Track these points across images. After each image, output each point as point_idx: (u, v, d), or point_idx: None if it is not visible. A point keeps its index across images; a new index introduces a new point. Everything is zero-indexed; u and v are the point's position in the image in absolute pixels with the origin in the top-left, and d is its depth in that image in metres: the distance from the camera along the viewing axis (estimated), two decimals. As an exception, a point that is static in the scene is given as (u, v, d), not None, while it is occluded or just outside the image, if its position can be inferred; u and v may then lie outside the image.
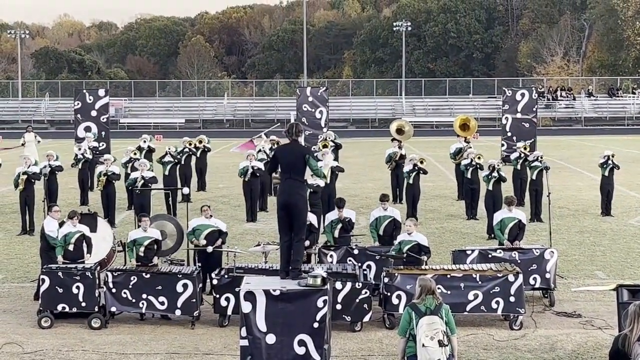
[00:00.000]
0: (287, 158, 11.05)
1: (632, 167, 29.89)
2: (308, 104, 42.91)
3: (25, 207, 22.47)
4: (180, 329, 14.28)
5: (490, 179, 21.67)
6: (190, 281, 14.34)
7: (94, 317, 14.32)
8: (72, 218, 15.52)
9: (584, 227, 22.89)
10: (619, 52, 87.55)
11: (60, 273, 14.48)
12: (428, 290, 9.95)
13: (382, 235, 16.51)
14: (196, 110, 75.42)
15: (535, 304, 15.15)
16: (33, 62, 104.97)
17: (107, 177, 22.98)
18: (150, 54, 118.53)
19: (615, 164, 24.28)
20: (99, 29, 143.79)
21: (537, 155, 24.09)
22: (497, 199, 20.99)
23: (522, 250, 15.74)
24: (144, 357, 12.89)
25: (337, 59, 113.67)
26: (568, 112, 73.59)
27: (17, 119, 71.01)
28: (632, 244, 20.75)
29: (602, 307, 15.11)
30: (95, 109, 40.41)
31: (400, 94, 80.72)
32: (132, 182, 22.26)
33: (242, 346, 10.11)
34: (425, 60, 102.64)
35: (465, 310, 14.04)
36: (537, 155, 24.08)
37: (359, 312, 13.99)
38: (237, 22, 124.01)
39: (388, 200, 17.32)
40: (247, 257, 17.17)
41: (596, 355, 12.76)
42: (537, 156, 24.04)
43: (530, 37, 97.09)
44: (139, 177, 21.95)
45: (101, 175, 23.14)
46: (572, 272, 17.91)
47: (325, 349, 10.12)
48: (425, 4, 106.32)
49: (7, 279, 17.80)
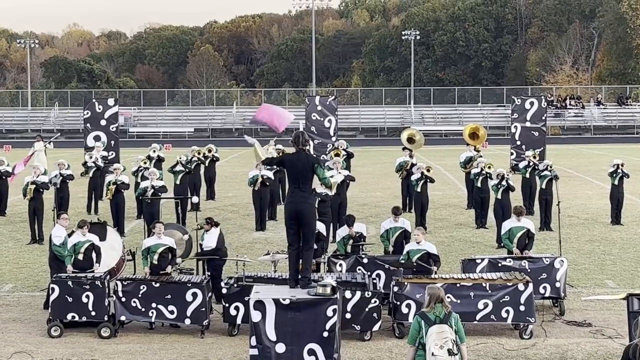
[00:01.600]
0: (295, 167, 11.06)
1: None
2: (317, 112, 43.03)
3: (34, 216, 22.53)
4: (190, 338, 14.28)
5: (499, 188, 21.68)
6: (200, 290, 14.35)
7: (103, 326, 14.33)
8: (81, 227, 15.54)
9: (594, 236, 22.85)
10: (629, 61, 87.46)
11: (70, 282, 14.50)
12: (437, 299, 9.95)
13: (393, 247, 16.53)
14: (205, 119, 75.53)
15: (545, 313, 15.12)
16: (42, 72, 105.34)
17: (116, 186, 23.03)
18: (159, 63, 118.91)
19: (625, 173, 24.22)
20: (108, 39, 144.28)
21: (546, 165, 24.03)
22: (506, 208, 20.94)
23: (532, 259, 15.72)
24: (154, 366, 12.91)
25: (345, 68, 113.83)
26: (577, 121, 73.48)
27: (27, 129, 71.20)
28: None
29: (612, 316, 15.07)
30: (105, 118, 40.55)
31: (409, 102, 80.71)
32: (142, 191, 22.29)
33: (251, 355, 10.13)
34: (434, 69, 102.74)
35: (475, 319, 14.03)
36: (547, 164, 24.02)
37: (368, 321, 13.97)
38: (246, 31, 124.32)
39: (401, 214, 17.29)
40: (257, 266, 17.18)
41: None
42: (547, 165, 23.99)
43: (539, 46, 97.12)
44: (148, 187, 21.99)
45: (110, 185, 23.19)
46: (582, 281, 17.88)
47: (335, 358, 10.12)
48: (434, 13, 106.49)
49: (17, 288, 17.83)
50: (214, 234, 16.03)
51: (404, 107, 79.34)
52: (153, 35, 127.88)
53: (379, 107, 79.76)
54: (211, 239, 15.97)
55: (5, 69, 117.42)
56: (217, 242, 15.91)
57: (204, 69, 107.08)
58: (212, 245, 15.88)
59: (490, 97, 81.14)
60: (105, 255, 15.85)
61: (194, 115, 77.13)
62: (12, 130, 72.77)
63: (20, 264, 20.18)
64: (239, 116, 75.92)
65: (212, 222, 16.16)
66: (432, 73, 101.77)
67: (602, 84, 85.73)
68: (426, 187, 24.06)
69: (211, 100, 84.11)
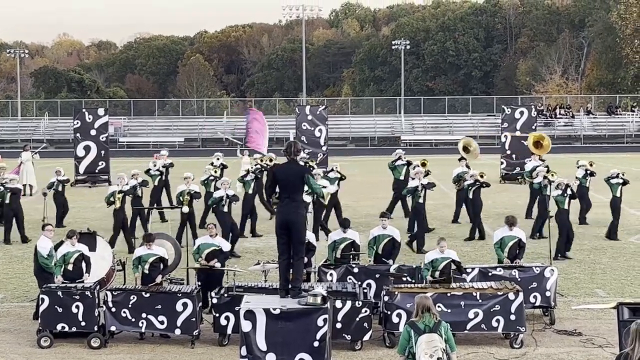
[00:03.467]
0: (286, 178, 11.07)
1: (633, 185, 29.90)
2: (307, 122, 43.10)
3: (120, 226, 22.45)
4: (180, 348, 14.26)
5: (564, 198, 21.27)
6: (190, 300, 14.34)
7: (93, 336, 14.30)
8: (70, 237, 15.49)
9: (584, 245, 22.84)
10: (618, 70, 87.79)
11: (59, 292, 14.47)
12: (424, 308, 9.97)
13: (380, 254, 16.52)
14: (195, 129, 75.48)
15: (536, 322, 15.14)
16: (32, 82, 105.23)
17: (191, 195, 22.87)
18: (150, 73, 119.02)
19: (625, 180, 24.05)
20: (98, 48, 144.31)
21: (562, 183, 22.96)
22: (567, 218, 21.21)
23: (522, 269, 15.75)
24: (144, 377, 12.89)
25: (336, 78, 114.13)
26: (567, 130, 73.66)
27: (17, 138, 71.01)
28: (632, 262, 20.76)
29: (602, 325, 15.10)
30: (95, 128, 40.60)
31: (399, 112, 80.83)
32: (216, 200, 22.24)
33: (242, 365, 10.12)
34: (424, 79, 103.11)
35: (465, 329, 14.05)
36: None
37: (359, 330, 13.98)
38: (236, 41, 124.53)
39: (387, 217, 17.28)
40: (247, 275, 17.17)
41: (597, 373, 12.77)
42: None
43: (529, 55, 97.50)
44: (223, 196, 21.93)
45: (184, 194, 22.98)
46: (573, 290, 17.91)
47: (326, 368, 10.12)
48: (424, 23, 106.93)
49: (7, 299, 17.79)
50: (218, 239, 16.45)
51: (394, 117, 79.44)
52: (143, 45, 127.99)
53: (369, 117, 79.83)
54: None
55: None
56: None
57: (194, 79, 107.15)
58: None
59: (481, 107, 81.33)
60: (95, 265, 15.83)
61: (184, 125, 77.08)
62: (1, 140, 72.57)
63: (9, 274, 20.13)
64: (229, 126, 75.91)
65: None
66: (422, 82, 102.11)
67: (591, 93, 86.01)
68: (479, 193, 23.98)
69: (201, 110, 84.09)
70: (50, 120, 77.18)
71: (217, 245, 16.15)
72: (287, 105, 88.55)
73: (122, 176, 23.49)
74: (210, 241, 16.15)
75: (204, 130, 75.08)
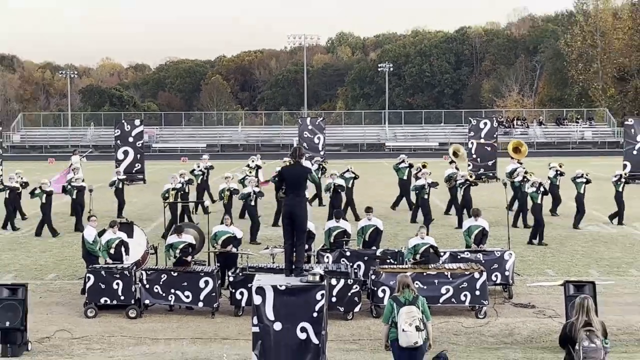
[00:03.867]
0: (292, 177, 11.04)
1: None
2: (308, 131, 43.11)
3: (176, 215, 22.54)
4: (202, 318, 14.26)
5: (538, 194, 21.22)
6: (211, 278, 14.34)
7: (130, 308, 14.32)
8: (112, 227, 15.53)
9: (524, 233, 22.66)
10: (565, 88, 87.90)
11: (103, 272, 14.48)
12: (404, 285, 9.97)
13: (367, 241, 16.51)
14: (215, 136, 75.41)
15: (497, 296, 15.14)
16: (80, 97, 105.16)
17: (230, 192, 22.80)
18: (177, 90, 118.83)
19: (588, 179, 23.89)
20: (135, 70, 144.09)
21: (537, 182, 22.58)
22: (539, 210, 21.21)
23: (486, 252, 15.75)
24: (172, 342, 12.87)
25: (331, 94, 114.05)
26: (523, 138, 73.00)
27: (67, 144, 70.86)
28: (577, 247, 20.76)
29: (552, 299, 15.10)
30: (132, 136, 40.53)
31: (384, 123, 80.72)
32: (245, 195, 22.17)
33: (254, 332, 10.09)
34: (405, 95, 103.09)
35: (438, 302, 14.04)
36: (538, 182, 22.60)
37: (350, 303, 14.00)
38: (249, 64, 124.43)
39: (371, 211, 17.25)
40: (258, 258, 17.17)
41: (547, 339, 12.76)
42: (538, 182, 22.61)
43: (491, 76, 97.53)
44: (251, 192, 21.90)
45: (225, 191, 22.82)
46: (527, 270, 17.91)
47: (323, 334, 10.10)
48: (405, 49, 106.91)
49: (59, 277, 17.80)
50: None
51: (379, 127, 79.32)
52: (172, 67, 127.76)
53: (359, 127, 79.72)
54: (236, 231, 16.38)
55: (50, 95, 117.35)
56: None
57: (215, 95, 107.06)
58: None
59: (451, 119, 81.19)
60: (132, 249, 15.83)
61: (206, 133, 76.92)
62: (55, 145, 72.45)
63: (61, 257, 20.13)
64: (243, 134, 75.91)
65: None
66: (403, 98, 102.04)
67: (543, 107, 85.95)
68: (469, 190, 23.86)
69: (220, 121, 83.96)
70: (95, 130, 77.04)
71: (231, 232, 16.12)
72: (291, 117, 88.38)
73: (175, 176, 23.48)
74: (225, 229, 16.12)
75: (223, 137, 75.01)
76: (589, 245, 21.07)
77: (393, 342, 9.81)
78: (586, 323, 8.66)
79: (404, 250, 15.61)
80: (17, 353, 12.17)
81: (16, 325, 12.19)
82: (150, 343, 12.80)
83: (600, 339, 8.62)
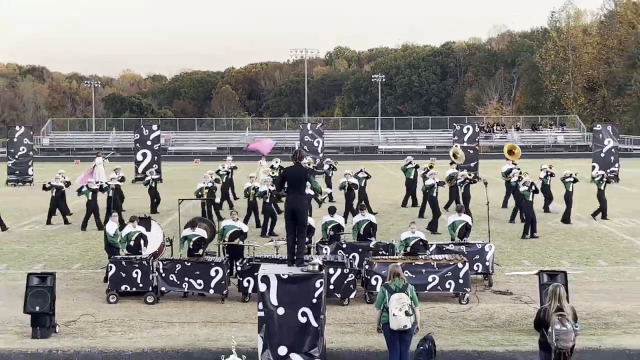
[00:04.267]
0: (293, 177, 11.04)
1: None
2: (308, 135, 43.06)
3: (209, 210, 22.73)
4: (213, 303, 14.26)
5: (530, 192, 21.17)
6: (221, 268, 14.34)
7: (148, 295, 14.31)
8: (132, 221, 15.53)
9: (514, 228, 22.79)
10: (539, 97, 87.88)
11: (123, 262, 14.48)
12: (395, 274, 9.98)
13: (362, 234, 16.50)
14: (225, 140, 75.38)
15: (478, 284, 15.15)
16: (103, 105, 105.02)
17: (255, 190, 22.64)
18: (191, 99, 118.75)
19: (576, 179, 23.84)
20: (153, 80, 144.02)
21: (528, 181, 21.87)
22: (531, 207, 21.17)
23: (468, 245, 15.74)
24: (186, 325, 12.87)
25: (330, 102, 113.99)
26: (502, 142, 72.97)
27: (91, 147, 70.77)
28: (550, 240, 20.75)
29: (527, 287, 15.10)
30: (150, 140, 40.53)
31: (377, 128, 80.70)
32: (261, 193, 22.17)
33: (259, 316, 10.10)
34: (396, 103, 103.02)
35: (426, 289, 14.04)
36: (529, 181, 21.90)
37: (346, 290, 14.00)
38: (256, 75, 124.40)
39: (365, 209, 17.24)
40: (263, 250, 17.16)
41: (524, 323, 12.76)
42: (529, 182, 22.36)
43: (474, 86, 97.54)
44: (267, 190, 21.93)
45: (250, 190, 22.74)
46: (505, 261, 17.91)
47: (322, 318, 10.11)
48: (396, 62, 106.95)
49: (84, 267, 17.80)
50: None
51: (373, 132, 79.29)
52: (186, 77, 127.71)
53: (354, 132, 79.69)
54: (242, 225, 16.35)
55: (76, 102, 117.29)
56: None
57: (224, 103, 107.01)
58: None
59: (437, 124, 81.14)
60: (150, 242, 15.83)
61: (217, 137, 76.88)
62: (80, 148, 72.44)
63: (86, 248, 20.13)
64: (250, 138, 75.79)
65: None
66: (394, 106, 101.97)
67: (520, 114, 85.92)
68: (469, 188, 23.77)
69: (229, 126, 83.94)
70: (116, 134, 77.05)
71: (238, 227, 16.07)
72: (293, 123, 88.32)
73: (207, 175, 23.51)
74: (233, 224, 16.09)
75: (232, 141, 74.98)
76: (562, 238, 21.06)
77: (385, 325, 9.83)
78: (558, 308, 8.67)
79: (395, 243, 15.63)
80: (46, 335, 12.19)
81: (45, 310, 12.21)
82: (166, 326, 12.79)
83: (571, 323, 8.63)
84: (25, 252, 19.68)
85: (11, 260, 18.62)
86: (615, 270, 16.99)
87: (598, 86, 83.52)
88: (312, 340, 9.93)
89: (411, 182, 27.37)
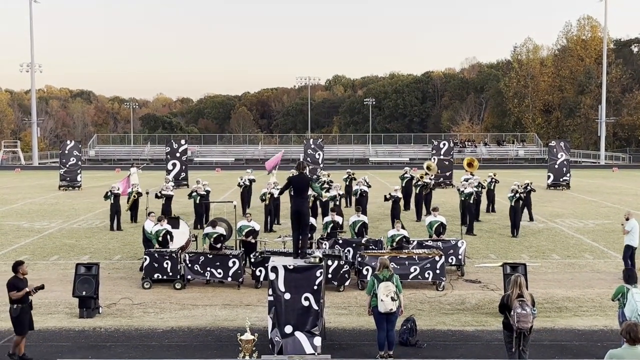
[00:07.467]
0: (298, 184, 11.05)
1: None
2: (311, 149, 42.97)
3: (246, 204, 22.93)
4: (231, 289, 14.24)
5: (514, 198, 20.98)
6: (237, 259, 14.32)
7: (177, 282, 14.30)
8: (160, 221, 15.50)
9: (482, 227, 22.79)
10: (504, 118, 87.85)
11: (156, 254, 14.47)
12: (383, 265, 9.96)
13: (357, 233, 16.49)
14: (241, 153, 75.43)
15: (452, 274, 15.13)
16: (140, 123, 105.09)
17: (271, 195, 22.40)
18: (213, 118, 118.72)
19: (532, 188, 23.81)
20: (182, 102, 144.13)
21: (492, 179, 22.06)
22: (518, 212, 20.97)
23: (444, 241, 15.73)
24: (209, 307, 12.86)
25: (329, 121, 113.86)
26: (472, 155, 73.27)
27: (130, 158, 70.85)
28: (512, 237, 20.71)
29: (494, 276, 15.09)
30: (179, 152, 40.47)
31: (368, 143, 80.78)
32: (263, 196, 22.19)
33: (269, 300, 10.08)
34: (384, 123, 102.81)
35: (408, 278, 14.02)
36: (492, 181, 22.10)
37: (342, 279, 13.97)
38: (267, 98, 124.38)
39: (360, 210, 17.25)
40: (273, 244, 17.15)
41: (490, 307, 12.74)
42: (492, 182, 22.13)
43: (449, 109, 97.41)
44: (267, 192, 22.17)
45: (266, 194, 22.43)
46: (475, 254, 17.89)
47: (321, 302, 10.09)
48: (384, 88, 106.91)
49: (123, 258, 17.78)
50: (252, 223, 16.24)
51: (364, 146, 79.34)
52: (209, 100, 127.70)
53: (349, 146, 79.76)
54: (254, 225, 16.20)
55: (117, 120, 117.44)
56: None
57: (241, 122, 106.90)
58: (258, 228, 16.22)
59: (418, 140, 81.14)
60: (177, 237, 15.81)
61: (235, 150, 76.91)
62: (120, 159, 72.54)
63: (124, 242, 20.11)
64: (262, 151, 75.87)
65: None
66: (382, 125, 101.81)
67: (487, 132, 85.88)
68: (471, 197, 22.68)
69: (245, 141, 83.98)
70: (151, 147, 77.08)
71: (252, 226, 15.96)
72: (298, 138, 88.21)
73: (270, 183, 23.55)
74: (247, 224, 15.96)
75: (247, 153, 75.04)
76: (522, 235, 21.03)
77: (374, 309, 9.81)
78: (519, 295, 8.66)
79: (383, 239, 15.62)
80: (91, 315, 12.19)
81: (90, 294, 12.21)
82: (191, 308, 12.79)
83: (530, 307, 8.62)
84: (74, 245, 19.67)
85: (63, 252, 18.62)
86: (567, 263, 16.97)
87: (553, 109, 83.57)
88: (313, 320, 9.91)
89: (407, 188, 27.34)
